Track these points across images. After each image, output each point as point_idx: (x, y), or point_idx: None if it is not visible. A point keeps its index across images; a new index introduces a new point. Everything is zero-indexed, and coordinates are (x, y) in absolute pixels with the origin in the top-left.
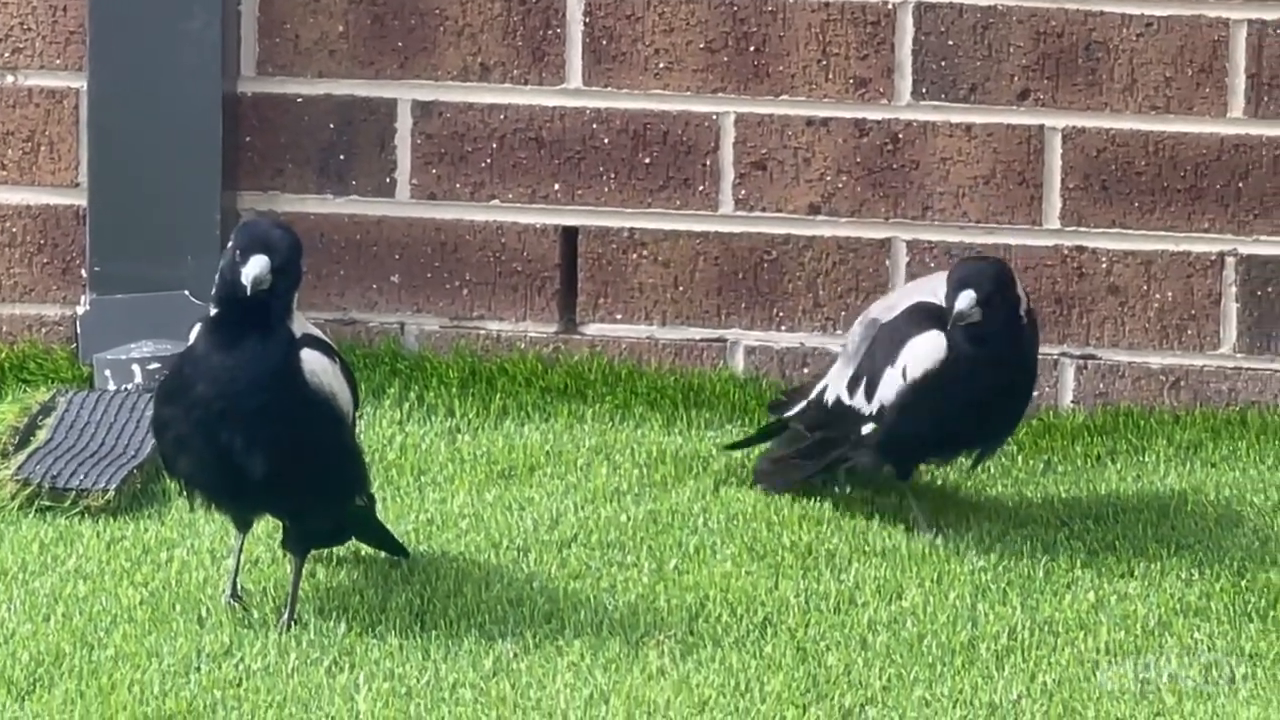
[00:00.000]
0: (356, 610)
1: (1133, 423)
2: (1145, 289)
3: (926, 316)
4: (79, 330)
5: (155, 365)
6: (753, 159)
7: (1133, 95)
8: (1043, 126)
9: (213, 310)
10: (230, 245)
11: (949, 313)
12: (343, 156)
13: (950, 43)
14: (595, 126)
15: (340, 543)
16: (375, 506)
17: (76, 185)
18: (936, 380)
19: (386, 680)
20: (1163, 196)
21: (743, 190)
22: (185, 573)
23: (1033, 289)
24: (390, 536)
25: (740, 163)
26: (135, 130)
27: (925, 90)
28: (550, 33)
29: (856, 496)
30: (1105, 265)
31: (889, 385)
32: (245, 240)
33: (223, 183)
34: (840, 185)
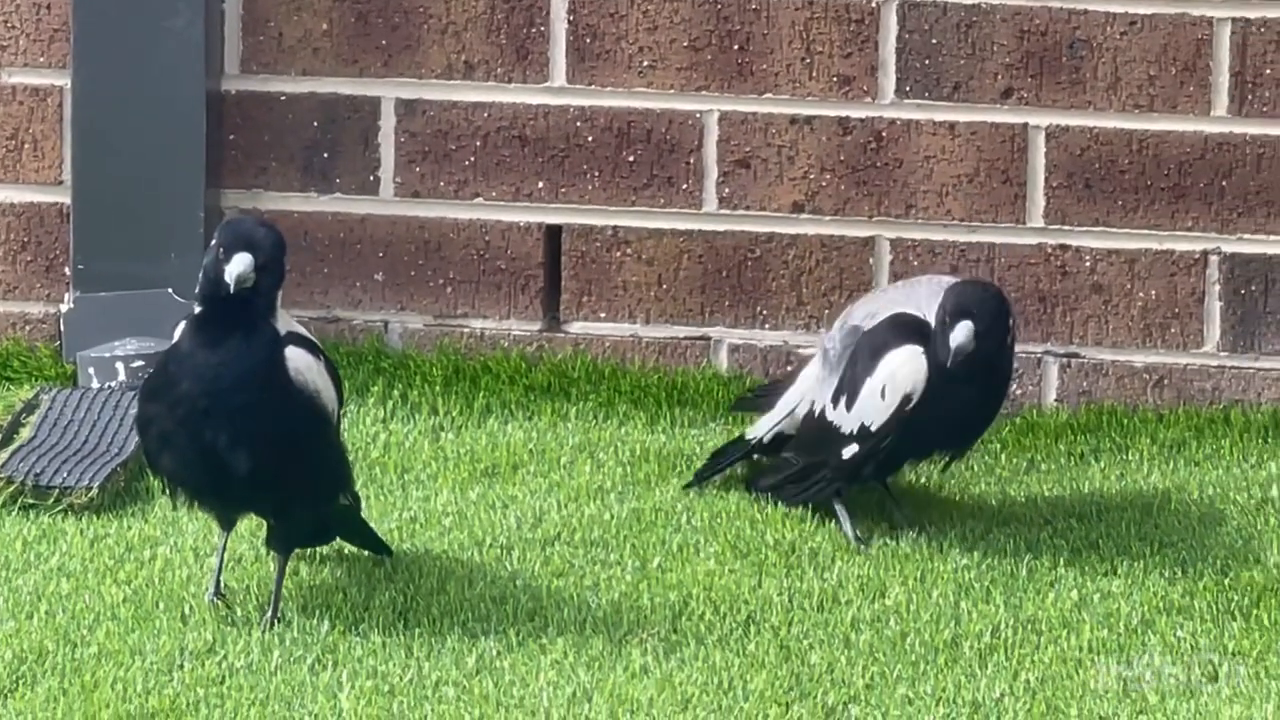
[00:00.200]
0: (340, 608)
1: (1116, 421)
2: (1129, 287)
3: (907, 330)
4: (63, 328)
5: (139, 363)
6: (736, 157)
7: (1116, 94)
8: (1026, 125)
9: (197, 308)
10: (214, 243)
11: (936, 334)
12: (326, 155)
13: (934, 41)
14: (579, 125)
15: (324, 542)
16: (360, 506)
17: (60, 183)
18: (919, 402)
19: (370, 678)
20: (1146, 195)
21: (726, 188)
22: (168, 571)
23: (1016, 288)
24: (373, 535)
25: (724, 161)
26: (119, 128)
27: (909, 89)
28: (534, 31)
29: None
30: (1089, 264)
31: (868, 403)
32: (229, 238)
33: (206, 181)
34: (824, 183)
